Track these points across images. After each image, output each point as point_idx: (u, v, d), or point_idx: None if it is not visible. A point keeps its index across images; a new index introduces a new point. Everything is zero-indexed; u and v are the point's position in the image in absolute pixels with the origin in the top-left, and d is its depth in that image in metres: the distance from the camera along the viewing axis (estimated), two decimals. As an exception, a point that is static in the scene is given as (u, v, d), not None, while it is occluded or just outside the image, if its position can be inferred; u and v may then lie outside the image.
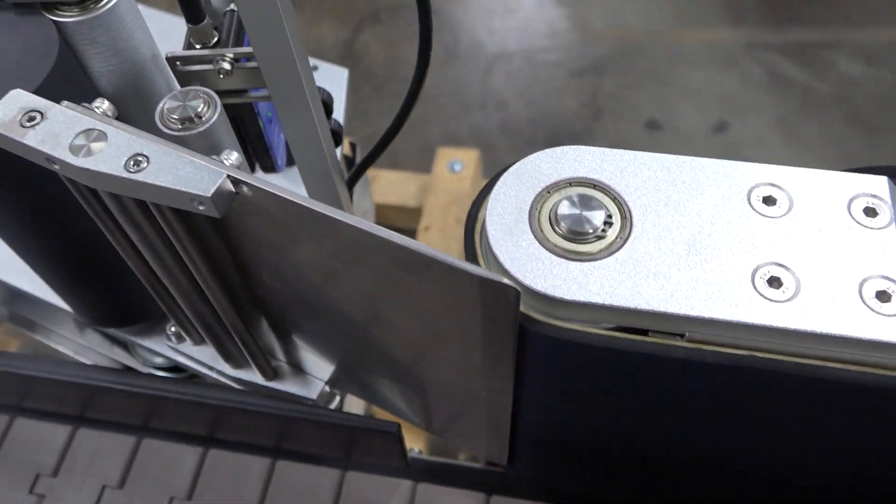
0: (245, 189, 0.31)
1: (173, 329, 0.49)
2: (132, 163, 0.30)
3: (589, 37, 1.73)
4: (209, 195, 0.30)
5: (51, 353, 0.67)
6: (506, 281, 0.27)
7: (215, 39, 0.41)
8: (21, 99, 0.33)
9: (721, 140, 1.51)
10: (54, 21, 0.38)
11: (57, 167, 0.32)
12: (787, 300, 0.28)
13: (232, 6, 0.44)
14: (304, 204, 0.29)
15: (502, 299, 0.28)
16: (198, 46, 0.41)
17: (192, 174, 0.30)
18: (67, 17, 0.38)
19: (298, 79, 0.38)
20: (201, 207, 0.30)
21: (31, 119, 0.32)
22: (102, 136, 0.31)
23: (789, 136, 1.52)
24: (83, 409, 0.56)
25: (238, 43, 0.41)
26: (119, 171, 0.30)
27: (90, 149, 0.31)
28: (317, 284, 0.37)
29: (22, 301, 0.63)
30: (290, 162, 0.55)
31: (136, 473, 0.53)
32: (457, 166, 1.43)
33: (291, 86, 0.38)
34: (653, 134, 1.56)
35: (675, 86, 1.61)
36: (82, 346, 0.63)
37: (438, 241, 1.23)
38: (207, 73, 0.41)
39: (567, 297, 0.29)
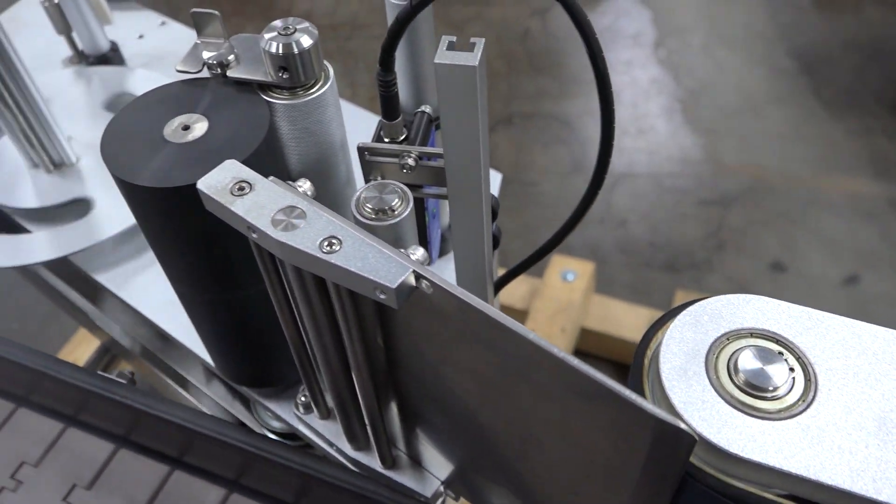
0: (425, 285, 0.32)
1: (303, 399, 0.50)
2: (327, 244, 0.32)
3: (721, 169, 1.72)
4: (394, 287, 0.31)
5: (163, 387, 0.69)
6: (684, 427, 0.26)
7: (403, 136, 0.43)
8: (234, 169, 0.35)
9: (849, 293, 1.44)
10: (266, 101, 0.42)
11: (255, 236, 0.34)
12: None
13: (424, 108, 0.46)
14: (485, 311, 0.30)
15: (674, 444, 0.27)
16: (386, 140, 0.43)
17: (381, 264, 0.31)
18: (278, 100, 0.42)
19: (480, 185, 0.39)
20: (382, 296, 0.31)
21: (241, 189, 0.35)
22: (303, 214, 0.33)
23: (929, 302, 1.44)
24: (181, 452, 0.57)
25: (424, 142, 0.44)
26: (314, 250, 0.32)
27: (290, 224, 0.33)
28: (465, 387, 0.37)
29: (161, 340, 0.66)
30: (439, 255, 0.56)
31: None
32: (570, 276, 1.43)
33: (472, 191, 0.40)
34: (776, 276, 1.50)
35: (806, 230, 1.57)
36: (202, 394, 0.65)
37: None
38: (390, 165, 0.43)
39: (742, 453, 0.27)
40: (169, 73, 0.77)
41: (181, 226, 0.40)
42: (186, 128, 0.40)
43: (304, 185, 0.35)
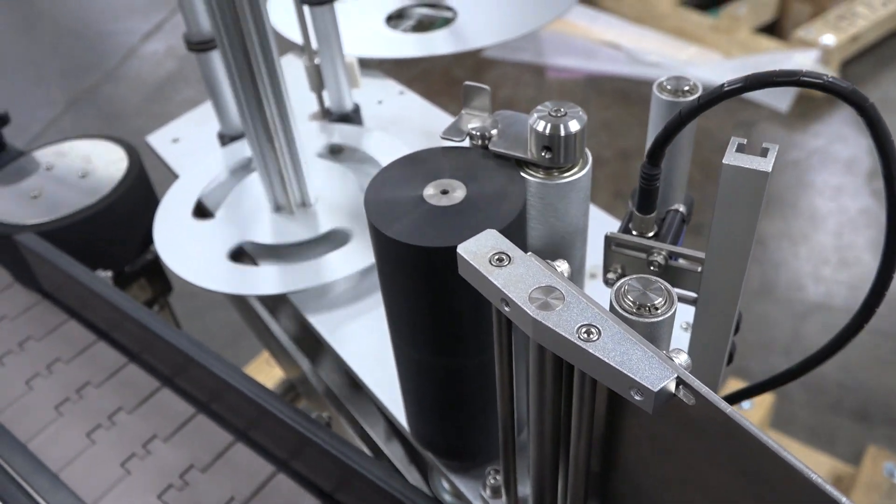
0: (684, 394, 0.29)
1: (493, 481, 0.48)
2: (585, 331, 0.31)
3: (936, 318, 1.55)
4: (654, 389, 0.29)
5: (338, 431, 0.70)
6: None
7: (653, 232, 0.42)
8: (494, 238, 0.36)
9: None
10: (523, 176, 0.42)
11: (507, 310, 0.34)
12: None
13: (678, 206, 0.45)
14: (760, 438, 0.27)
15: None
16: (635, 233, 0.42)
17: (643, 363, 0.30)
18: (533, 177, 0.42)
19: (737, 294, 0.37)
20: (638, 398, 0.29)
21: (500, 260, 0.35)
22: (561, 296, 0.32)
23: None
24: (335, 486, 0.56)
25: (674, 241, 0.42)
26: (570, 335, 0.31)
27: (547, 304, 0.32)
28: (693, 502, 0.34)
29: (352, 389, 0.67)
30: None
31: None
32: (745, 405, 1.33)
33: (726, 299, 0.37)
34: None
35: None
36: (377, 447, 0.65)
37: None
38: (635, 260, 0.42)
39: None
40: (403, 136, 0.81)
41: (425, 285, 0.40)
42: (445, 192, 0.41)
43: (562, 265, 0.35)
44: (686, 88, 0.43)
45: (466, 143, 0.45)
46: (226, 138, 0.82)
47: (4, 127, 0.79)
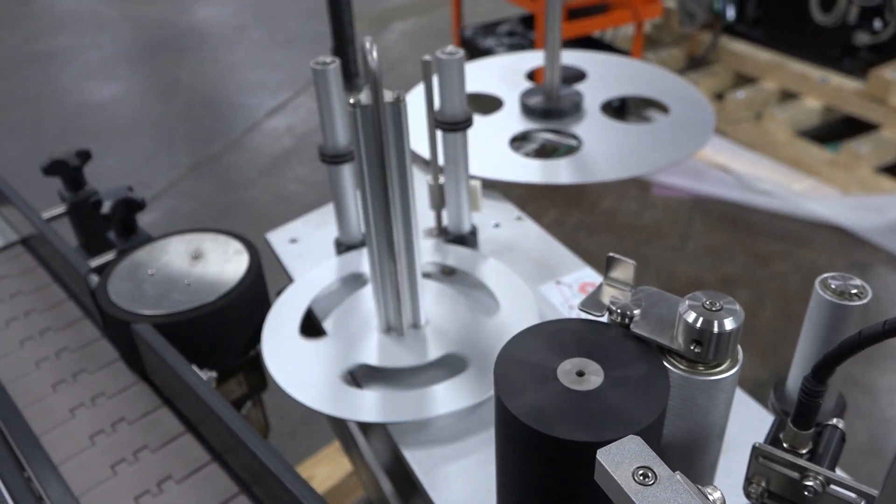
0: None
1: None
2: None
3: None
4: None
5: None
6: None
7: (808, 448, 0.38)
8: (638, 448, 0.33)
9: None
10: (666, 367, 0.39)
11: (650, 535, 0.30)
12: None
13: (836, 422, 0.41)
14: None
15: None
16: (785, 445, 0.38)
17: None
18: (675, 368, 0.39)
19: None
20: None
21: (645, 476, 0.32)
22: (714, 535, 0.29)
23: None
24: None
25: (832, 464, 0.38)
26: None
27: (697, 541, 0.29)
28: None
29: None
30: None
31: None
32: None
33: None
34: None
35: None
36: None
37: None
38: (785, 478, 0.38)
39: None
40: (517, 264, 0.80)
41: (545, 469, 0.38)
42: (581, 374, 0.39)
43: (715, 494, 0.32)
44: (854, 291, 0.40)
45: (605, 318, 0.43)
46: (342, 246, 0.82)
47: (140, 211, 0.83)
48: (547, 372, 0.39)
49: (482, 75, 1.15)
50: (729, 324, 0.37)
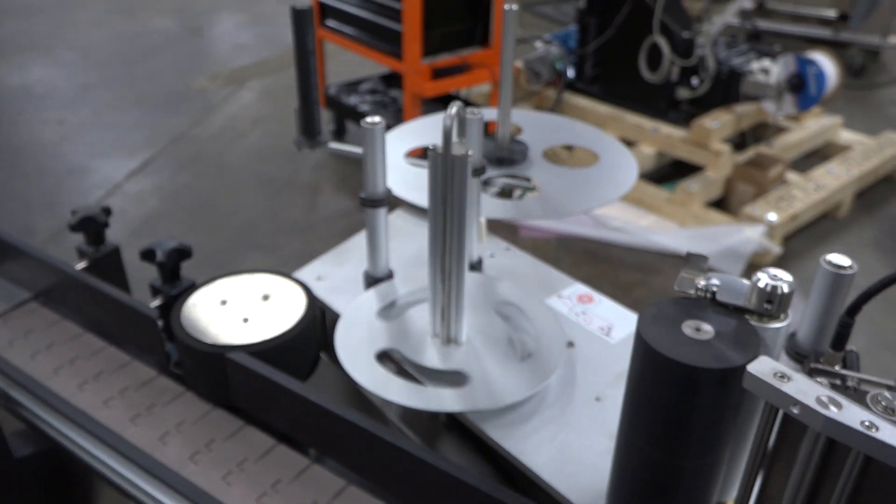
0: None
1: (706, 563, 0.60)
2: (867, 423, 0.46)
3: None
4: (930, 464, 0.44)
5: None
6: None
7: (840, 366, 0.58)
8: (769, 363, 0.51)
9: None
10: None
11: (796, 411, 0.48)
12: None
13: (852, 348, 0.62)
14: None
15: None
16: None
17: (916, 446, 0.45)
18: (754, 322, 0.58)
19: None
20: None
21: (782, 377, 0.50)
22: (838, 403, 0.48)
23: None
24: None
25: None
26: (856, 426, 0.46)
27: (829, 406, 0.47)
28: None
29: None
30: None
31: None
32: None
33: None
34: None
35: None
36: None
37: None
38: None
39: None
40: (521, 285, 0.97)
41: (679, 396, 0.55)
42: (698, 329, 0.57)
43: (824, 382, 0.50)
44: (846, 265, 0.61)
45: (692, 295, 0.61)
46: (371, 279, 0.95)
47: (185, 260, 0.90)
48: (675, 329, 0.57)
49: (429, 133, 1.31)
50: (786, 287, 0.57)
